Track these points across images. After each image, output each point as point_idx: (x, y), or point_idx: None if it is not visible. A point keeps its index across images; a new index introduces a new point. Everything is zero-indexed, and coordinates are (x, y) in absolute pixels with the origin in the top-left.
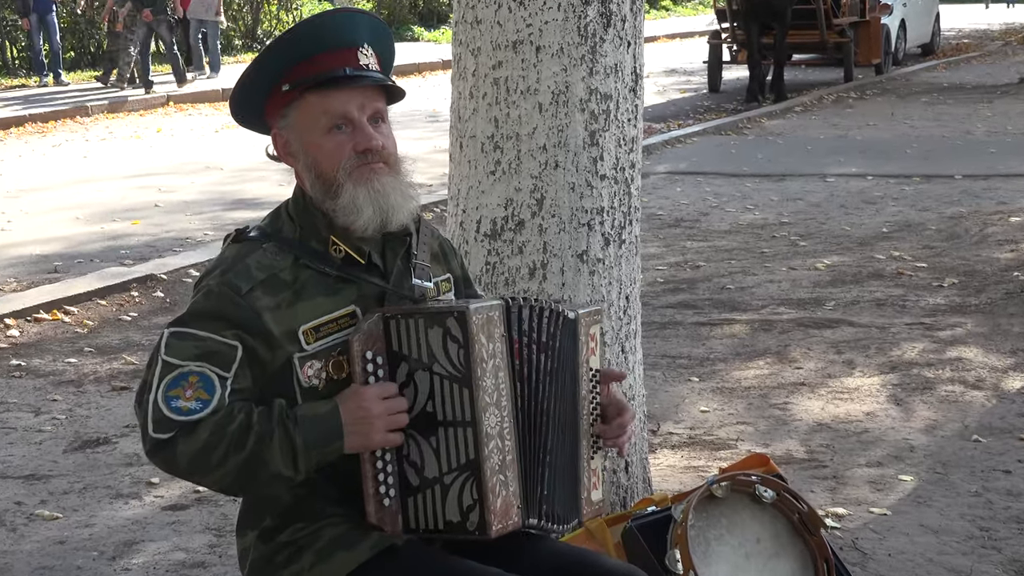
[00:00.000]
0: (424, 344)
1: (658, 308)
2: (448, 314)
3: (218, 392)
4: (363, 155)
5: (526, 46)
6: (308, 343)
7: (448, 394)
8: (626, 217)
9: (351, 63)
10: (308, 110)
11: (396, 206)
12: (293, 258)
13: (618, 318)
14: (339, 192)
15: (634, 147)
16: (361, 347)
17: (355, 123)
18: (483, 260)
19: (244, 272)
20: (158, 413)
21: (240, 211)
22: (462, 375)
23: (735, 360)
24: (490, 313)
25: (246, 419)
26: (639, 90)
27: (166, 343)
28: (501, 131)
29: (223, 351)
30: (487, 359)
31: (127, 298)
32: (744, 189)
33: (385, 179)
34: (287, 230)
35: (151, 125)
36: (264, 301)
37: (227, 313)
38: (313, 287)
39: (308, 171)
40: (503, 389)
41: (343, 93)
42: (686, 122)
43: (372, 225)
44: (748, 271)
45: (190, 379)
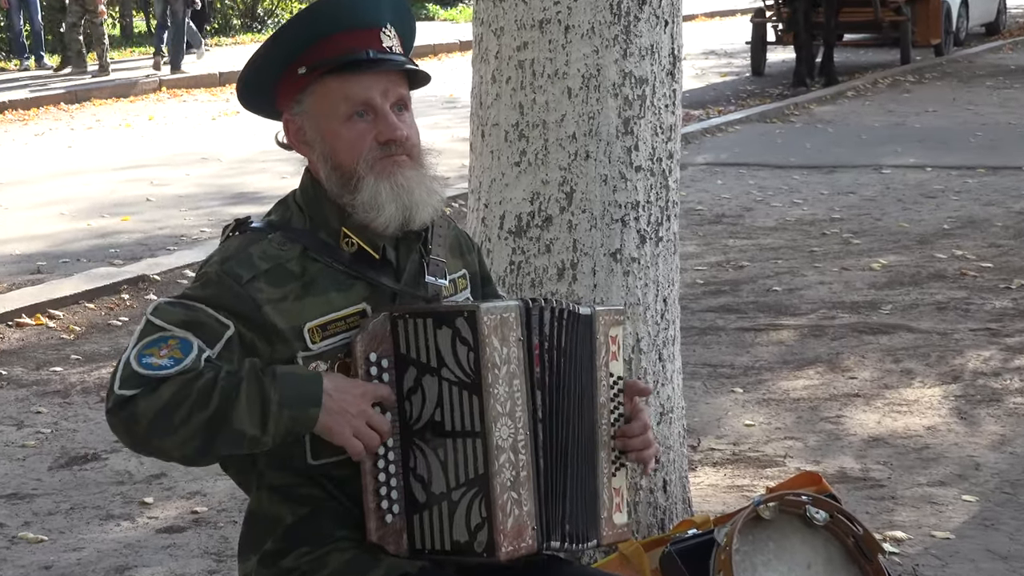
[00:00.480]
0: (433, 346)
1: (698, 312)
2: (458, 314)
3: (193, 354)
4: (386, 146)
5: (554, 25)
6: (314, 342)
7: (456, 402)
8: (663, 212)
9: (374, 45)
10: (326, 95)
11: (420, 203)
12: (301, 249)
13: (655, 323)
14: (359, 186)
15: (672, 136)
16: (365, 348)
17: (378, 111)
18: (507, 259)
19: (246, 261)
20: (127, 370)
21: (240, 205)
22: (471, 381)
23: (782, 369)
24: (504, 314)
25: (213, 375)
26: (677, 73)
27: (155, 307)
28: (527, 118)
29: (212, 325)
30: (500, 364)
31: (117, 301)
32: (791, 182)
33: (409, 173)
34: (296, 220)
35: (142, 112)
36: (267, 292)
37: (225, 301)
38: (323, 281)
39: (324, 161)
40: (518, 398)
41: (365, 77)
42: (727, 108)
43: (394, 223)
44: (796, 272)
45: (169, 342)
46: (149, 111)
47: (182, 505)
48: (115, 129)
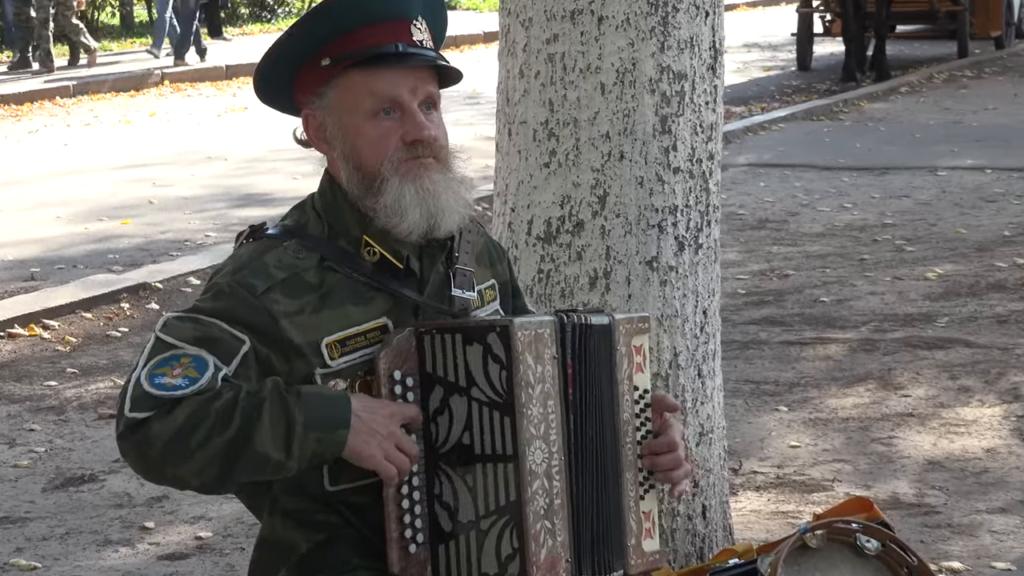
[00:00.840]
0: (462, 364)
1: (739, 325)
2: (489, 329)
3: (209, 372)
4: (412, 147)
5: (586, 16)
6: (332, 358)
7: (487, 423)
8: (703, 217)
9: (403, 38)
10: (351, 90)
11: (446, 209)
12: (319, 258)
13: (694, 336)
14: (382, 188)
15: (713, 135)
16: (389, 365)
17: (405, 109)
18: (535, 267)
19: (261, 270)
20: (138, 390)
21: (248, 208)
22: (503, 401)
23: (831, 386)
24: (539, 330)
25: (233, 395)
26: (718, 68)
27: (164, 323)
28: (557, 116)
29: (227, 341)
30: (534, 383)
31: (116, 310)
32: (840, 184)
33: (436, 176)
34: (313, 227)
35: (143, 108)
36: (283, 305)
37: (239, 314)
38: (341, 293)
39: (345, 161)
40: (552, 420)
41: (393, 73)
42: (771, 105)
43: (417, 230)
44: (845, 281)
45: (182, 360)
46: (151, 106)
47: (185, 530)
48: (114, 126)
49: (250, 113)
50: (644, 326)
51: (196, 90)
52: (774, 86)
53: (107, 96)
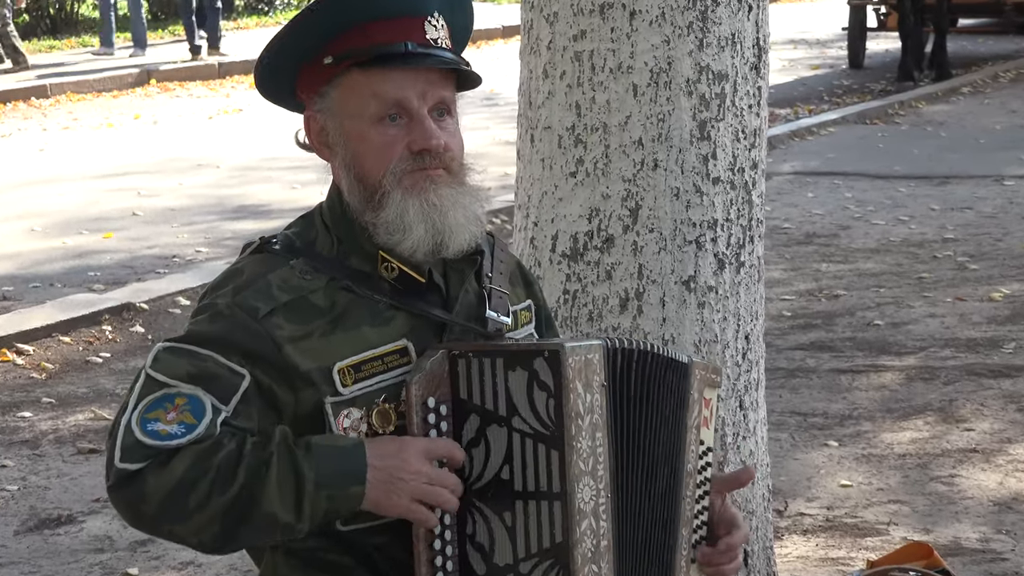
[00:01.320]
0: (502, 391)
1: (785, 350)
2: (536, 354)
3: (208, 418)
4: (419, 157)
5: (617, 10)
6: (345, 385)
7: (531, 457)
8: (746, 232)
9: (414, 36)
10: (354, 91)
11: (455, 227)
12: (328, 279)
13: (735, 364)
14: (383, 202)
15: (756, 141)
16: (422, 392)
17: (413, 114)
18: (560, 288)
19: (263, 291)
20: (129, 437)
21: (242, 221)
22: (551, 433)
23: (885, 419)
24: (589, 355)
25: (237, 447)
26: (763, 67)
27: (155, 356)
28: (584, 121)
29: (225, 377)
30: (583, 414)
31: (97, 334)
32: (895, 195)
33: (444, 191)
34: (322, 243)
35: (127, 110)
36: (287, 329)
37: (237, 340)
38: (355, 314)
39: (347, 170)
40: (600, 454)
41: (401, 74)
42: (819, 107)
43: (422, 248)
44: (902, 302)
45: (176, 401)
46: (135, 108)
47: None
48: (95, 129)
49: (245, 116)
50: (716, 379)
51: (185, 90)
52: (823, 86)
53: (87, 97)
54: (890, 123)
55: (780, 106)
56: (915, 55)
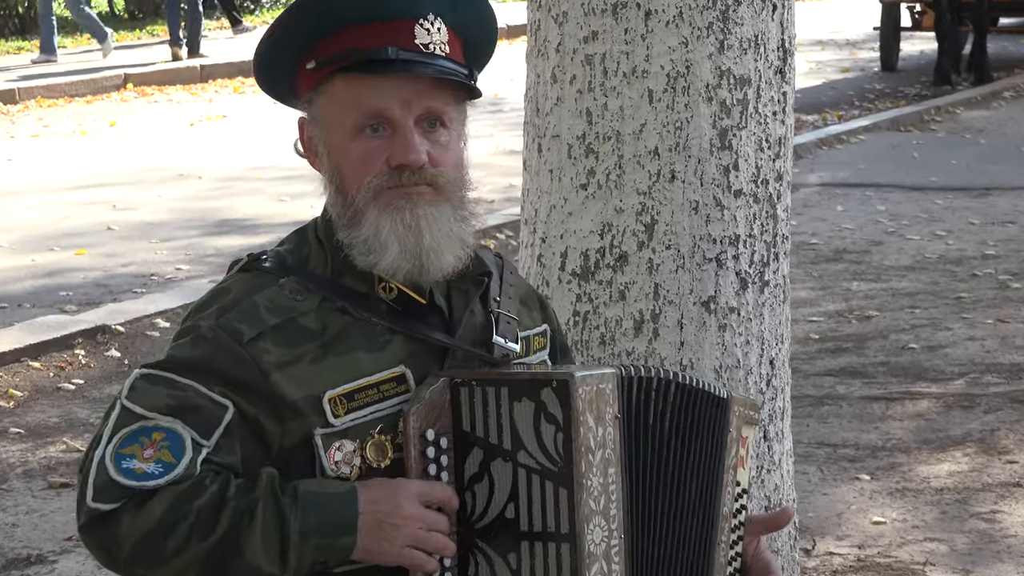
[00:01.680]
0: (507, 423)
1: (812, 376)
2: (544, 383)
3: (188, 456)
4: (397, 172)
5: (631, 10)
6: (336, 415)
7: (537, 495)
8: (770, 249)
9: (400, 41)
10: (336, 99)
11: (434, 248)
12: (320, 299)
13: (759, 391)
14: (358, 219)
15: (781, 151)
16: (421, 423)
17: (396, 125)
18: (570, 309)
19: (249, 313)
20: (102, 475)
21: (225, 236)
22: (559, 469)
23: (921, 450)
24: (601, 385)
25: (220, 491)
26: (788, 71)
27: (131, 385)
28: (596, 129)
29: (206, 409)
30: (595, 449)
31: (69, 358)
32: (932, 208)
33: (423, 209)
34: (315, 260)
35: (102, 116)
36: (274, 355)
37: (221, 366)
38: (349, 338)
39: (331, 182)
40: (613, 492)
41: (384, 82)
42: (849, 113)
43: (401, 269)
44: (939, 324)
45: (154, 436)
46: (110, 114)
47: None
48: (67, 137)
49: (229, 122)
50: (755, 416)
51: (164, 95)
52: (853, 90)
53: (59, 102)
54: (926, 130)
55: (807, 112)
56: (953, 56)
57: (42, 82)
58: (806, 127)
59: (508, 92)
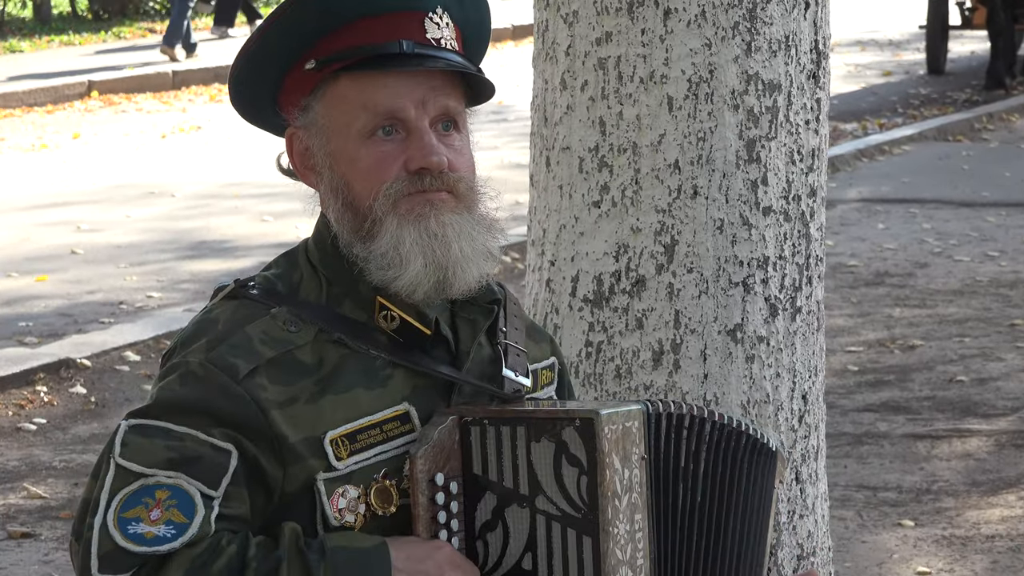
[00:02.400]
0: (524, 466)
1: (851, 412)
2: (566, 422)
3: (200, 514)
4: (418, 177)
5: (648, 9)
6: (340, 458)
7: (559, 544)
8: (803, 272)
9: (412, 34)
10: (341, 101)
11: (460, 261)
12: (317, 331)
13: (790, 429)
14: (375, 231)
15: (815, 164)
16: (429, 466)
17: (410, 126)
18: (582, 339)
19: (243, 346)
20: (107, 543)
21: (202, 260)
22: (583, 516)
23: (971, 493)
24: (627, 423)
25: (239, 551)
26: (822, 76)
27: (122, 440)
28: (610, 140)
29: (209, 457)
30: (621, 493)
31: (30, 395)
32: (983, 226)
33: (448, 217)
34: (308, 288)
35: (64, 127)
36: (271, 392)
37: (216, 407)
38: (349, 373)
39: (335, 196)
40: (640, 540)
41: (396, 79)
42: (892, 121)
43: (423, 286)
44: (990, 354)
45: (157, 495)
46: (74, 126)
47: None
48: (26, 152)
49: (205, 134)
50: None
51: (133, 103)
52: (896, 96)
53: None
54: (977, 140)
55: (845, 120)
56: (1007, 58)
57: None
58: (844, 137)
59: (514, 99)
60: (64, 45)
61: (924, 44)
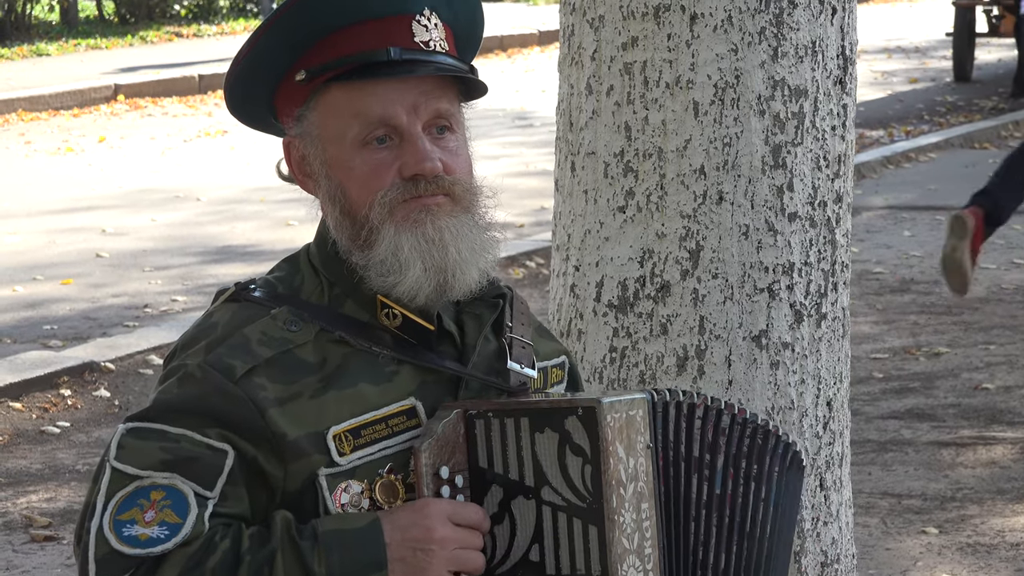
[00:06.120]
0: (529, 457)
1: (875, 419)
2: (569, 411)
3: (193, 513)
4: (413, 183)
5: (675, 14)
6: (342, 453)
7: (565, 534)
8: (828, 279)
9: (400, 40)
10: (334, 111)
11: (459, 263)
12: (318, 331)
13: (815, 436)
14: (373, 239)
15: (841, 170)
16: (433, 460)
17: (404, 133)
18: (606, 344)
19: (240, 347)
20: (103, 546)
21: (226, 264)
22: (588, 505)
23: (995, 501)
24: (631, 412)
25: (233, 546)
26: (849, 82)
27: (119, 443)
28: (636, 145)
29: (205, 457)
30: (626, 482)
31: (54, 399)
32: (1009, 233)
33: (444, 221)
34: (310, 288)
35: (90, 131)
36: (271, 390)
37: (213, 407)
38: (353, 370)
39: (333, 203)
40: (647, 530)
41: (386, 87)
42: (918, 128)
43: (424, 290)
44: (1016, 362)
45: (152, 496)
46: (100, 129)
47: None
48: (52, 155)
49: (230, 138)
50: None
51: (159, 107)
52: (923, 103)
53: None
54: (1003, 147)
55: (871, 127)
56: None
57: (24, 93)
58: (871, 144)
59: (539, 105)
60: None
61: (950, 52)
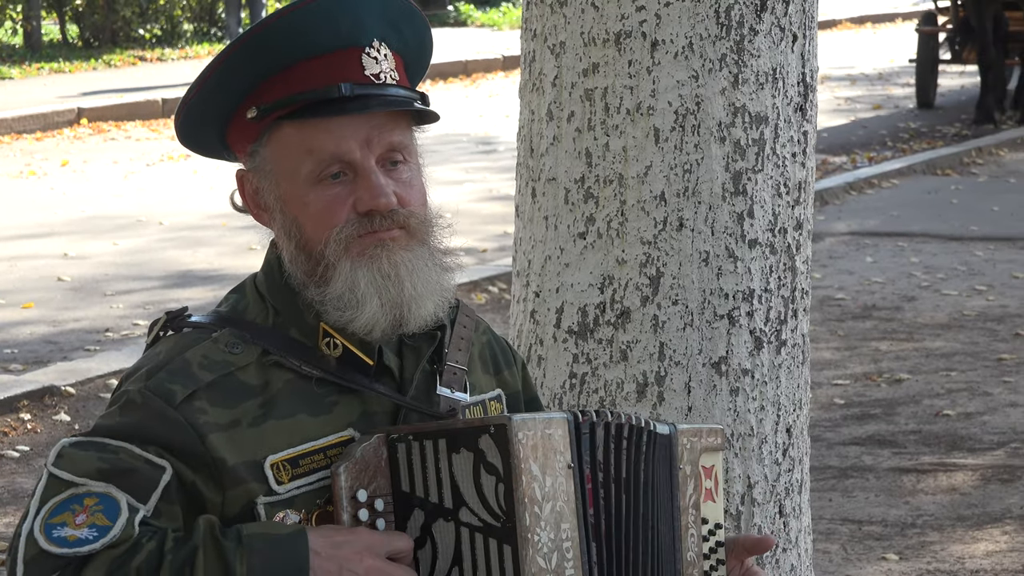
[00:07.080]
0: (447, 478)
1: (836, 445)
2: (481, 431)
3: (123, 517)
4: (367, 219)
5: (636, 40)
6: (280, 482)
7: (481, 555)
8: (788, 305)
9: (351, 74)
10: (287, 147)
11: (416, 297)
12: (260, 352)
13: (774, 462)
14: (329, 274)
15: (801, 196)
16: (351, 482)
17: (358, 168)
18: (566, 371)
19: (181, 371)
20: (32, 548)
21: (188, 288)
22: (502, 524)
23: (956, 528)
24: (546, 431)
25: (157, 547)
26: (809, 109)
27: (58, 453)
28: (596, 172)
29: (142, 471)
30: (541, 500)
31: (14, 423)
32: (971, 260)
33: (400, 256)
34: (253, 312)
35: (53, 155)
36: (211, 415)
37: (153, 432)
38: (292, 398)
39: (288, 238)
40: (567, 548)
41: (338, 123)
42: (881, 154)
43: (380, 325)
44: (977, 388)
45: (86, 501)
46: (62, 153)
47: None
48: (14, 178)
49: (193, 162)
50: (716, 442)
51: (122, 131)
52: (885, 129)
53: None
54: (966, 174)
55: (834, 153)
56: (997, 92)
57: None
58: (834, 170)
59: (502, 130)
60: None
61: (914, 78)
